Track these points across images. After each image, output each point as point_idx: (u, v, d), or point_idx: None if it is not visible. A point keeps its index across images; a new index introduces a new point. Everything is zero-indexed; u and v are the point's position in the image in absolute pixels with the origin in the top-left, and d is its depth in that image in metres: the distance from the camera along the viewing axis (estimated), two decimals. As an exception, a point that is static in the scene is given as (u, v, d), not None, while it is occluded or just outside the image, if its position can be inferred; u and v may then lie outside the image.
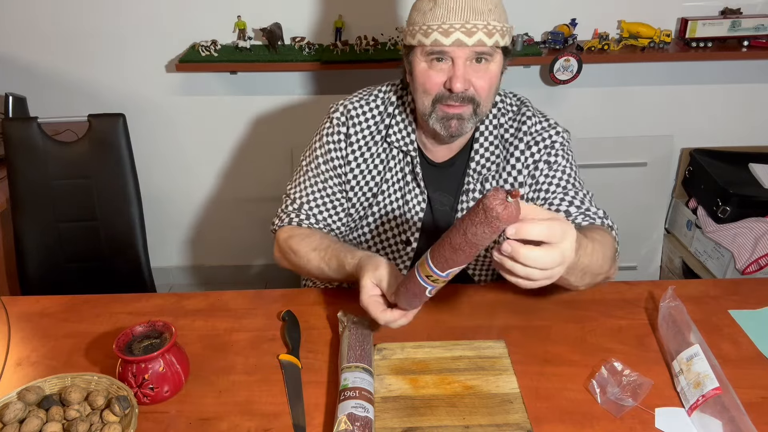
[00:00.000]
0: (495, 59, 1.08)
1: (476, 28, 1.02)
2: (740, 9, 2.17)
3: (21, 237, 1.64)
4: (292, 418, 0.91)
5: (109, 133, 1.64)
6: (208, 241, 2.61)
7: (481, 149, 1.21)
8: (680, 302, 1.05)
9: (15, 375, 1.01)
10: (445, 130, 1.12)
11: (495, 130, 1.22)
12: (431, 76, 1.08)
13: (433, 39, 1.04)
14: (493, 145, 1.22)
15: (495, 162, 1.21)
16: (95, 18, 2.16)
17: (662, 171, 2.46)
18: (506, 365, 0.99)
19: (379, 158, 1.24)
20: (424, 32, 1.06)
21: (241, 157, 2.43)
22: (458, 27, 1.02)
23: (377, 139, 1.24)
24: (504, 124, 1.23)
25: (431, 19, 1.04)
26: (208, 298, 1.21)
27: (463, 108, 1.09)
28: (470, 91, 1.08)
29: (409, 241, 1.25)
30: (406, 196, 1.24)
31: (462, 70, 1.06)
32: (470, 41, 1.03)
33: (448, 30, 1.03)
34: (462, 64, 1.05)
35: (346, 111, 1.24)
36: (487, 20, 1.03)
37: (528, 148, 1.20)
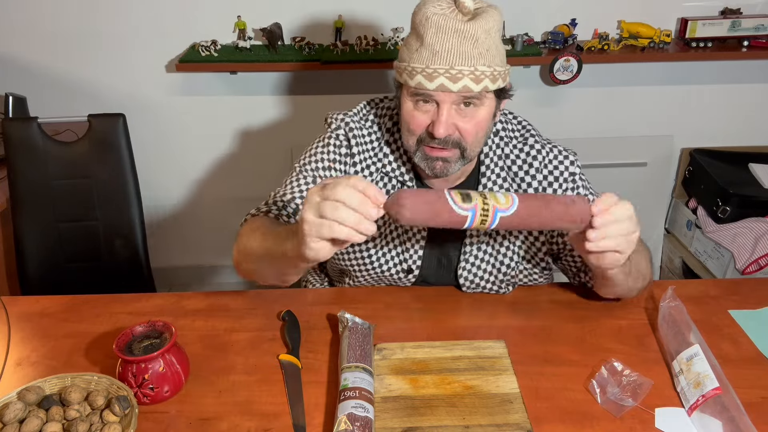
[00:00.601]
0: (485, 103, 1.03)
1: (462, 74, 0.97)
2: (740, 9, 2.17)
3: (21, 237, 1.64)
4: (292, 418, 0.91)
5: (109, 133, 1.64)
6: (208, 241, 2.61)
7: (489, 183, 1.17)
8: (680, 302, 1.05)
9: (15, 375, 1.01)
10: (430, 170, 1.08)
11: (500, 161, 1.17)
12: (415, 117, 1.04)
13: (417, 81, 1.00)
14: (500, 177, 1.17)
15: None
16: (95, 18, 2.16)
17: (662, 171, 2.46)
18: (506, 365, 0.99)
19: (381, 183, 1.19)
20: (409, 73, 1.01)
21: (241, 157, 2.43)
22: (442, 72, 0.97)
23: (378, 166, 1.18)
24: (510, 155, 1.17)
25: (417, 60, 1.00)
26: (208, 298, 1.21)
27: (447, 152, 1.05)
28: (455, 136, 1.03)
29: (411, 269, 1.20)
30: (405, 226, 1.17)
31: (446, 115, 1.01)
32: (455, 87, 0.98)
33: (432, 74, 0.98)
34: (446, 109, 1.01)
35: (349, 128, 1.17)
36: (475, 65, 0.97)
37: (549, 185, 1.15)
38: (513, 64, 2.23)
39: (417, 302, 1.18)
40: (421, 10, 1.00)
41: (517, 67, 2.22)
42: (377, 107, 1.22)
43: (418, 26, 1.01)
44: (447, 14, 0.98)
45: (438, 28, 0.97)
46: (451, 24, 0.97)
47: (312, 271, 1.48)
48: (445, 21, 0.97)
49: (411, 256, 1.20)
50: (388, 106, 1.22)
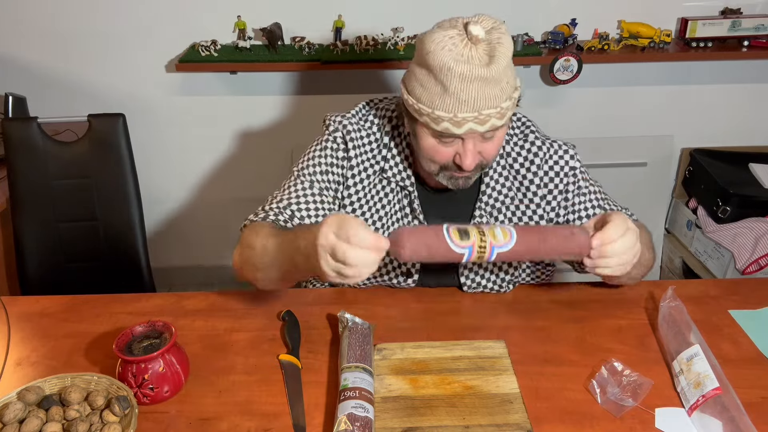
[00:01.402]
0: (504, 125, 1.03)
1: (489, 116, 0.97)
2: (740, 9, 2.17)
3: (21, 237, 1.64)
4: (292, 418, 0.91)
5: (109, 133, 1.64)
6: (208, 241, 2.61)
7: (492, 182, 1.18)
8: (680, 302, 1.05)
9: (15, 375, 1.01)
10: (452, 185, 1.09)
11: (502, 160, 1.18)
12: (440, 152, 1.03)
13: (444, 127, 0.98)
14: (502, 176, 1.18)
15: (508, 195, 1.18)
16: (95, 18, 2.16)
17: (662, 171, 2.46)
18: (506, 365, 0.99)
19: (375, 189, 1.18)
20: (433, 119, 0.99)
21: (241, 157, 2.43)
22: (471, 119, 0.97)
23: (376, 169, 1.18)
24: (511, 153, 1.19)
25: (440, 107, 0.97)
26: (208, 298, 1.21)
27: (471, 172, 1.07)
28: (480, 160, 1.05)
29: (410, 272, 1.20)
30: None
31: (472, 149, 1.02)
32: (483, 128, 0.98)
33: (461, 122, 0.97)
34: (472, 143, 1.01)
35: (345, 131, 1.16)
36: (500, 105, 0.97)
37: (551, 180, 1.18)
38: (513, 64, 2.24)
39: (417, 302, 1.18)
40: (438, 56, 0.95)
41: (518, 67, 2.20)
42: (376, 108, 1.21)
43: (438, 73, 0.96)
44: (467, 60, 0.94)
45: (462, 78, 0.94)
46: (475, 72, 0.94)
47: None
48: (470, 69, 0.94)
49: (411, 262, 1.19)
50: (386, 107, 1.21)
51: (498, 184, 1.18)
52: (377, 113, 1.20)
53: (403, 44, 2.12)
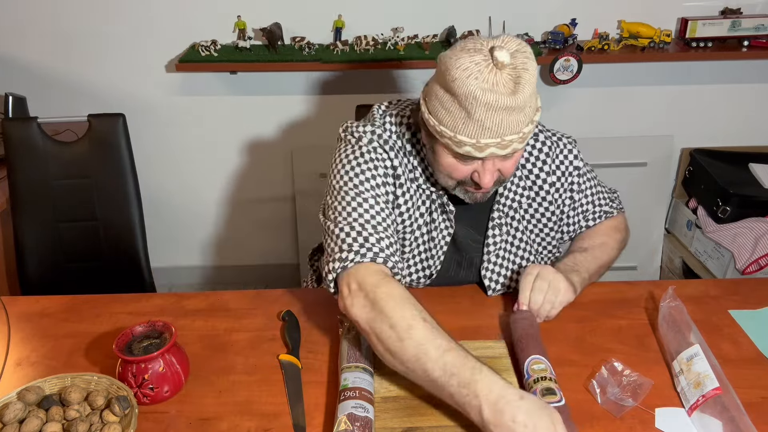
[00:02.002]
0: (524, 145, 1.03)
1: (511, 142, 0.97)
2: (740, 9, 2.17)
3: (21, 237, 1.64)
4: (292, 418, 0.91)
5: (109, 133, 1.64)
6: (208, 241, 2.61)
7: (508, 182, 1.20)
8: (680, 302, 1.05)
9: (15, 375, 1.01)
10: (469, 199, 1.10)
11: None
12: (459, 169, 1.03)
13: (467, 150, 0.98)
14: (516, 176, 1.21)
15: (523, 195, 1.21)
16: (95, 18, 2.16)
17: (662, 171, 2.46)
18: (506, 365, 0.99)
19: (413, 198, 1.15)
20: (455, 143, 0.97)
21: (241, 157, 2.43)
22: (493, 144, 0.96)
23: (410, 177, 1.15)
24: (524, 153, 1.20)
25: (463, 132, 0.96)
26: (208, 298, 1.21)
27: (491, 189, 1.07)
28: (497, 176, 1.05)
29: (431, 274, 1.22)
30: (432, 233, 1.18)
31: (491, 168, 1.02)
32: (504, 152, 0.98)
33: (483, 147, 0.96)
34: (490, 164, 1.01)
35: (384, 142, 1.12)
36: (522, 130, 0.96)
37: (558, 180, 1.22)
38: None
39: (417, 302, 1.18)
40: (464, 84, 0.92)
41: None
42: (390, 114, 1.17)
43: (464, 101, 0.94)
44: (493, 89, 0.92)
45: (488, 107, 0.93)
46: (500, 102, 0.92)
47: (312, 274, 1.48)
48: (496, 99, 0.92)
49: (434, 263, 1.21)
50: (401, 113, 1.17)
51: (513, 185, 1.21)
52: (393, 120, 1.16)
53: (403, 44, 2.11)
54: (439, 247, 1.20)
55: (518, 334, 1.02)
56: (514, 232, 1.22)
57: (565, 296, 1.09)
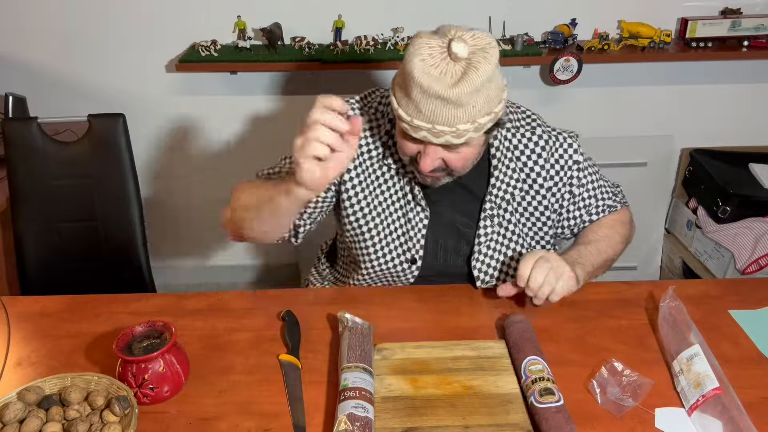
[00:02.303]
0: (472, 143, 1.04)
1: (443, 133, 0.98)
2: (740, 9, 2.17)
3: (21, 237, 1.64)
4: (292, 419, 0.91)
5: (109, 133, 1.64)
6: (208, 241, 2.61)
7: (501, 174, 1.20)
8: (680, 302, 1.05)
9: (15, 375, 1.01)
10: (421, 180, 1.14)
11: (509, 153, 1.20)
12: (406, 144, 1.06)
13: (403, 127, 1.01)
14: (510, 168, 1.20)
15: (516, 186, 1.21)
16: (95, 18, 2.16)
17: (662, 171, 2.46)
18: (506, 365, 0.99)
19: (375, 175, 1.21)
20: (397, 115, 1.01)
21: (240, 157, 2.43)
22: (425, 128, 0.98)
23: (375, 154, 1.20)
24: (518, 145, 1.20)
25: (403, 109, 0.99)
26: (208, 298, 1.21)
27: (437, 174, 1.09)
28: (441, 165, 1.07)
29: (414, 259, 1.22)
30: (408, 214, 1.21)
31: (431, 156, 1.03)
32: (437, 141, 0.99)
33: (416, 128, 0.99)
34: (431, 150, 1.03)
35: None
36: (456, 126, 0.97)
37: (557, 173, 1.22)
38: (513, 64, 2.24)
39: (417, 302, 1.18)
40: (411, 61, 0.95)
41: (517, 67, 2.22)
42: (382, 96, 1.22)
43: (406, 77, 0.96)
44: (433, 74, 0.94)
45: (423, 90, 0.94)
46: (435, 89, 0.93)
47: (314, 272, 1.48)
48: (430, 84, 0.93)
49: (414, 245, 1.21)
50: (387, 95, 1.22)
51: (506, 177, 1.20)
52: (382, 100, 1.22)
53: (403, 44, 2.11)
54: (417, 230, 1.21)
55: (514, 337, 1.02)
56: (506, 224, 1.22)
57: (567, 283, 1.06)
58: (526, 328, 1.03)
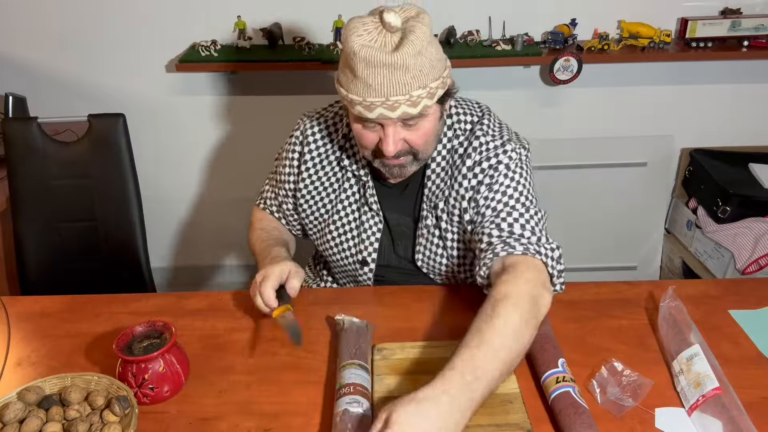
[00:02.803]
0: (428, 115, 1.04)
1: (398, 102, 0.98)
2: (740, 9, 2.17)
3: (21, 237, 1.64)
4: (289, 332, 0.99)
5: (109, 133, 1.64)
6: (208, 241, 2.61)
7: (433, 175, 1.17)
8: (680, 302, 1.05)
9: (15, 375, 1.01)
10: (389, 174, 1.13)
11: (447, 155, 1.17)
12: (365, 135, 1.06)
13: (358, 111, 1.00)
14: (444, 171, 1.17)
15: (444, 190, 1.17)
16: (95, 18, 2.16)
17: (662, 171, 2.46)
18: (506, 365, 0.99)
19: (335, 178, 1.24)
20: (349, 102, 1.01)
21: (241, 157, 2.43)
22: (379, 104, 0.98)
23: (331, 159, 1.23)
24: (458, 149, 1.16)
25: (354, 92, 0.99)
26: (208, 298, 1.21)
27: (402, 160, 1.08)
28: (405, 147, 1.06)
29: (366, 261, 1.25)
30: (361, 217, 1.23)
31: (392, 136, 1.03)
32: (394, 115, 0.99)
33: (370, 106, 0.98)
34: (392, 130, 1.03)
35: (304, 129, 1.26)
36: (410, 92, 0.97)
37: (471, 169, 1.14)
38: (513, 64, 2.23)
39: (417, 302, 1.18)
40: (348, 41, 0.96)
41: (517, 67, 2.22)
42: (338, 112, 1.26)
43: (348, 58, 0.98)
44: (373, 46, 0.95)
45: (367, 62, 0.95)
46: (379, 57, 0.94)
47: (311, 273, 1.48)
48: (373, 54, 0.94)
49: (366, 247, 1.24)
50: None
51: (438, 178, 1.17)
52: (341, 119, 1.24)
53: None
54: (371, 233, 1.23)
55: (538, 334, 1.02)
56: (438, 222, 1.19)
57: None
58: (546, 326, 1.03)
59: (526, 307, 0.92)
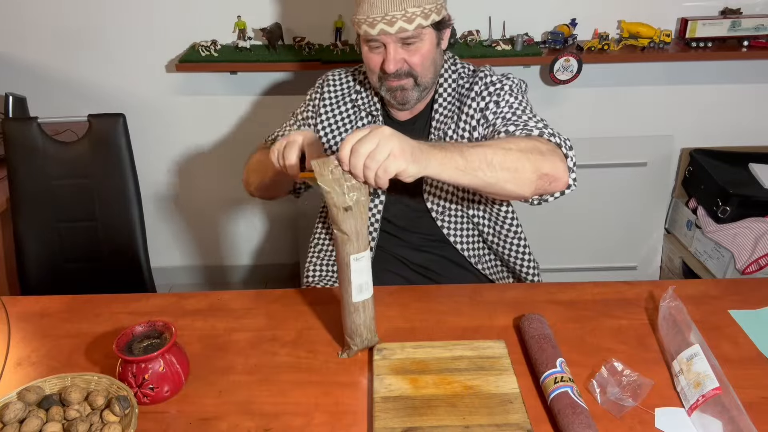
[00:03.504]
0: (424, 38, 1.21)
1: (395, 18, 1.16)
2: (740, 9, 2.17)
3: (21, 237, 1.64)
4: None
5: (109, 133, 1.64)
6: (208, 241, 2.61)
7: (441, 108, 1.33)
8: (680, 302, 1.05)
9: (15, 375, 1.01)
10: (393, 100, 1.28)
11: (453, 92, 1.33)
12: (371, 58, 1.25)
13: (364, 30, 1.19)
14: (450, 104, 1.32)
15: (452, 118, 1.31)
16: (95, 18, 2.17)
17: (662, 171, 2.46)
18: (506, 365, 0.99)
19: (349, 118, 1.39)
20: (357, 24, 1.21)
21: (241, 157, 2.42)
22: (380, 20, 1.17)
23: (347, 102, 1.40)
24: (463, 85, 1.33)
25: (360, 13, 1.19)
26: (208, 298, 1.21)
27: (403, 81, 1.24)
28: (405, 68, 1.23)
29: (376, 192, 1.36)
30: None
31: (392, 53, 1.21)
32: (392, 30, 1.17)
33: (373, 22, 1.17)
34: (392, 48, 1.21)
35: (326, 77, 1.44)
36: (405, 9, 1.16)
37: (479, 94, 1.29)
38: (513, 65, 2.24)
39: (417, 302, 1.18)
40: None
41: (517, 67, 2.22)
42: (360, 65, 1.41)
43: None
44: None
45: None
46: None
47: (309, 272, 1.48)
48: None
49: None
50: None
51: (446, 110, 1.32)
52: (360, 67, 1.42)
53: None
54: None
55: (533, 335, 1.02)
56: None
57: (394, 162, 0.89)
58: (544, 327, 1.04)
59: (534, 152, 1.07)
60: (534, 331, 1.03)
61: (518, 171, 1.03)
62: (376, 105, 1.38)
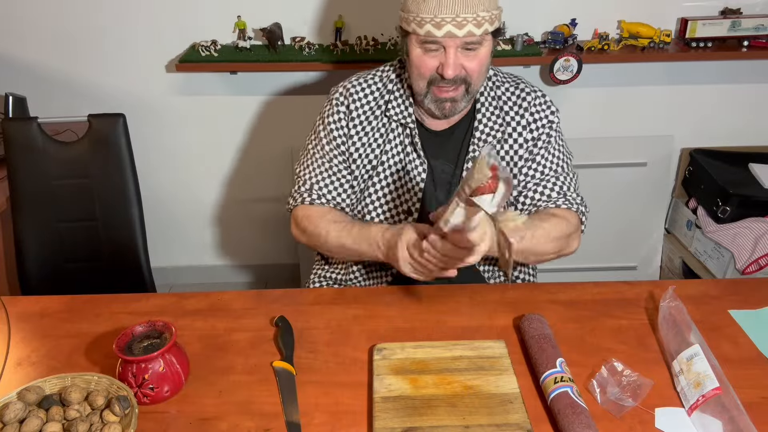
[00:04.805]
0: (485, 44, 1.17)
1: (466, 21, 1.10)
2: (740, 9, 2.17)
3: (21, 237, 1.64)
4: (285, 416, 0.91)
5: (109, 133, 1.64)
6: (208, 241, 2.61)
7: (484, 119, 1.28)
8: (680, 302, 1.05)
9: (15, 375, 1.01)
10: (439, 111, 1.22)
11: (494, 102, 1.30)
12: (425, 62, 1.17)
13: (426, 30, 1.12)
14: (494, 115, 1.29)
15: (496, 131, 1.29)
16: (95, 18, 2.16)
17: (662, 171, 2.46)
18: (506, 365, 0.99)
19: (379, 132, 1.31)
20: (418, 23, 1.13)
21: (241, 157, 2.43)
22: (449, 20, 1.10)
23: (377, 114, 1.30)
24: (502, 96, 1.30)
25: (425, 11, 1.11)
26: (208, 298, 1.21)
27: (456, 91, 1.19)
28: (462, 74, 1.17)
29: (410, 210, 1.30)
30: (407, 167, 1.28)
31: (453, 57, 1.14)
32: (461, 33, 1.11)
33: (440, 23, 1.11)
34: (453, 52, 1.14)
35: (346, 90, 1.31)
36: (476, 12, 1.11)
37: (528, 125, 1.28)
38: (513, 65, 2.24)
39: (417, 302, 1.18)
40: None
41: (517, 67, 2.22)
42: (379, 71, 1.34)
43: None
44: None
45: None
46: None
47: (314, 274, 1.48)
48: None
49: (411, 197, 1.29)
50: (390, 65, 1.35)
51: (489, 122, 1.29)
52: (382, 72, 1.34)
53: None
54: (415, 182, 1.28)
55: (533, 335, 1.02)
56: None
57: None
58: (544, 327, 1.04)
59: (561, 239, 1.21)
60: (534, 331, 1.03)
61: (541, 255, 1.22)
62: (411, 116, 1.28)
